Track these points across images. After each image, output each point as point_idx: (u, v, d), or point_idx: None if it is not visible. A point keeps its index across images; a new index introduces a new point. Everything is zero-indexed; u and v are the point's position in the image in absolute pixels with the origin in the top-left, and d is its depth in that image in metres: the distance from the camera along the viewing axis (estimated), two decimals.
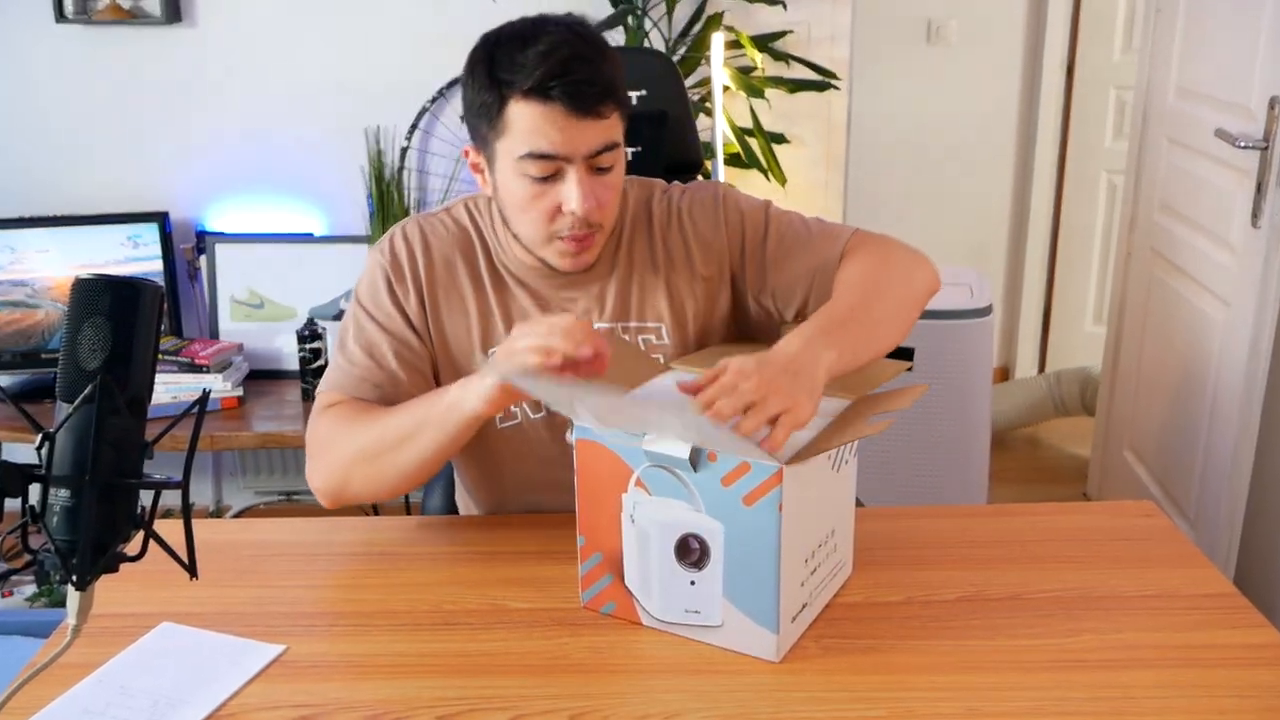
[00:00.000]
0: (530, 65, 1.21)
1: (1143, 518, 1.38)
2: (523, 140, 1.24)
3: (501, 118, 1.25)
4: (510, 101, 1.23)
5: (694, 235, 1.42)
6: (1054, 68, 3.70)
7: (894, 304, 1.32)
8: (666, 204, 1.44)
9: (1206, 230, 2.47)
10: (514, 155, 1.25)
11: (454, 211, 1.43)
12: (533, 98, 1.22)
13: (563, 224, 1.28)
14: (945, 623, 1.15)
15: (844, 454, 1.17)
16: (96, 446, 0.76)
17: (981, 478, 2.72)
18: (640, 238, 1.42)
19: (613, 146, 1.27)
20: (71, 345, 0.77)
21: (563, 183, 1.26)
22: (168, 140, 2.86)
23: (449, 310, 1.39)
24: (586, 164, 1.26)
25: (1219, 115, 2.37)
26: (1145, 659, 1.09)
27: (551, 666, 1.09)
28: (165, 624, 1.15)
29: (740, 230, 1.42)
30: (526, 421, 1.40)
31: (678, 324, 1.41)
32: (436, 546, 1.33)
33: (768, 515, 1.03)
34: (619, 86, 1.26)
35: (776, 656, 1.08)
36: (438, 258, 1.39)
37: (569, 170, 1.25)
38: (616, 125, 1.27)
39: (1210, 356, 2.42)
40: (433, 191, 2.87)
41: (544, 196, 1.27)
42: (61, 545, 0.77)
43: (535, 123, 1.23)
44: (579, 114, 1.22)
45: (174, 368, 2.57)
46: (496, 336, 1.38)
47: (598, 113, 1.23)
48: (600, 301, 1.40)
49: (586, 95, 1.22)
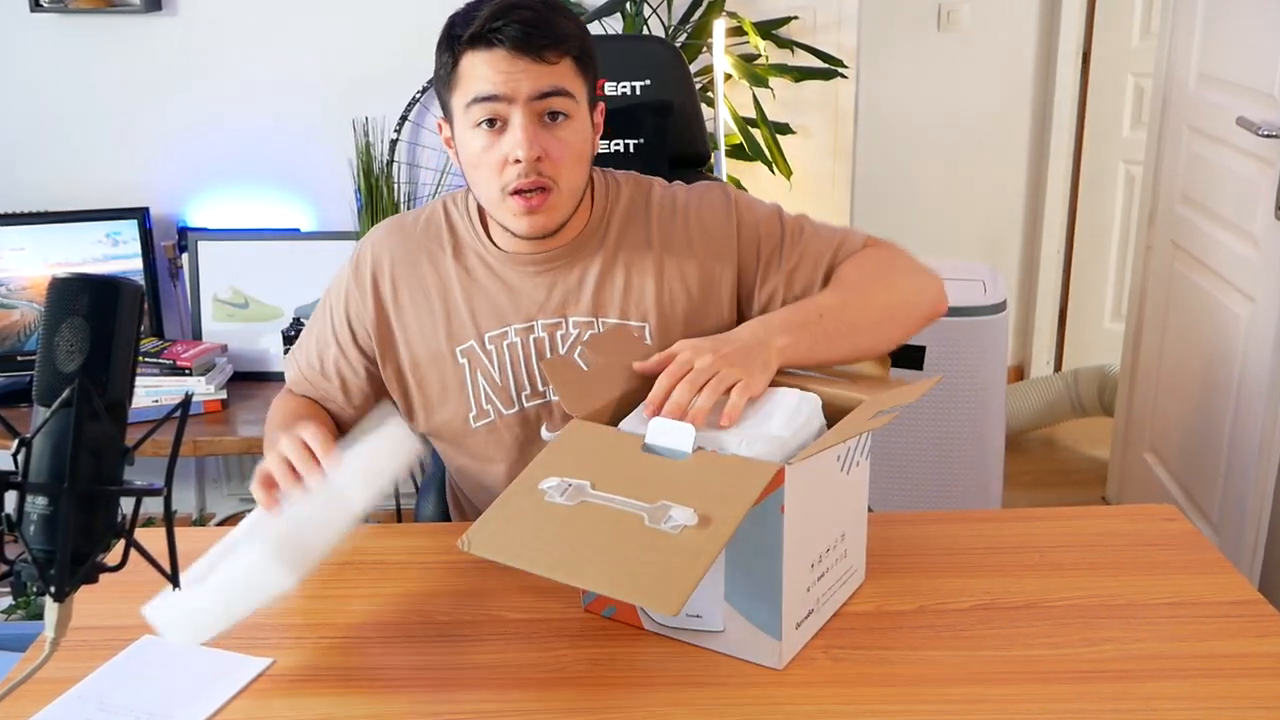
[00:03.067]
0: (477, 17, 1.29)
1: (1164, 522, 1.38)
2: (470, 87, 1.30)
3: (455, 73, 1.32)
4: (461, 56, 1.30)
5: (699, 231, 1.43)
6: (1069, 54, 3.70)
7: (878, 311, 1.36)
8: (670, 198, 1.46)
9: (1229, 222, 2.47)
10: (463, 106, 1.31)
11: (429, 210, 1.48)
12: (478, 45, 1.29)
13: (510, 175, 1.31)
14: (959, 632, 1.16)
15: (854, 455, 1.17)
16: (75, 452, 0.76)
17: (996, 481, 2.72)
18: (635, 227, 1.44)
19: (561, 93, 1.31)
20: (48, 347, 0.77)
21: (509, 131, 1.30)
22: (148, 133, 2.86)
23: (413, 312, 1.44)
24: (532, 109, 1.30)
25: (1241, 102, 2.37)
26: (1168, 669, 1.09)
27: (550, 679, 1.09)
28: (146, 637, 1.15)
29: (755, 233, 1.44)
30: (500, 419, 1.43)
31: (662, 320, 1.41)
32: (429, 555, 1.33)
33: (770, 517, 1.04)
34: (569, 36, 1.32)
35: (780, 664, 1.08)
36: (400, 259, 1.45)
37: (513, 115, 1.29)
38: (568, 74, 1.32)
39: (1234, 353, 2.42)
40: (423, 185, 2.88)
41: (493, 148, 1.31)
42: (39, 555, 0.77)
43: (479, 69, 1.29)
44: (519, 54, 1.28)
45: (155, 370, 2.57)
46: (462, 330, 1.42)
47: (540, 55, 1.28)
48: (578, 291, 1.42)
49: (529, 37, 1.28)
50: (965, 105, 3.78)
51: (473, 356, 1.42)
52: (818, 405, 1.16)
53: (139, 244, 2.77)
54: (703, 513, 1.00)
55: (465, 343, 1.42)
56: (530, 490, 1.08)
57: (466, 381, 1.42)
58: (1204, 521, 2.57)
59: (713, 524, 0.99)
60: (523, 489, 1.08)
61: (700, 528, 0.99)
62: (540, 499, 1.06)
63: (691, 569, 0.96)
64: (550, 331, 1.41)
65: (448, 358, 1.42)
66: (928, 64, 3.75)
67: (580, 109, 1.34)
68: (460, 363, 1.42)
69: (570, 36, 1.31)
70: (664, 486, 1.04)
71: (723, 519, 0.99)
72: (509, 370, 1.42)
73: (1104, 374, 3.49)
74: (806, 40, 2.80)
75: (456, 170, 1.38)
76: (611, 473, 1.07)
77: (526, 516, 1.06)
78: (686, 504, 1.01)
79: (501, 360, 1.41)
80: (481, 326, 1.42)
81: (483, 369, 1.42)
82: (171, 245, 2.85)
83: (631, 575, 0.98)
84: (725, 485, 1.02)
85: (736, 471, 1.04)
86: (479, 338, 1.42)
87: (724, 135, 2.68)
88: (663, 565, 0.97)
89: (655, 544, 0.99)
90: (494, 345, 1.41)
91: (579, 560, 1.01)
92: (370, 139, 2.79)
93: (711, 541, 0.98)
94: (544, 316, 1.41)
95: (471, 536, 1.04)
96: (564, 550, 1.02)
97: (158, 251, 2.83)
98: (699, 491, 1.02)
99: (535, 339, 1.41)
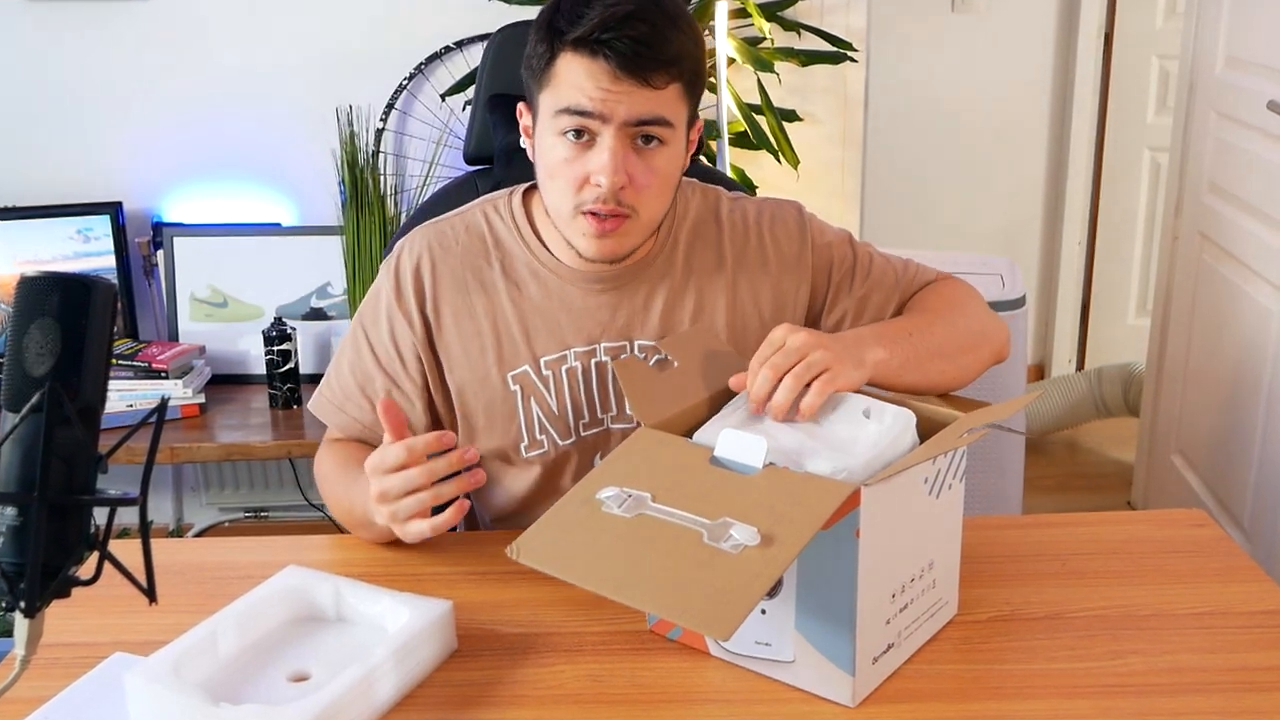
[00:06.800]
0: (589, 17, 1.22)
1: (1193, 528, 1.38)
2: (563, 94, 1.25)
3: (550, 69, 1.26)
4: (560, 53, 1.25)
5: (774, 249, 1.43)
6: (1090, 35, 3.70)
7: (961, 338, 1.36)
8: (741, 213, 1.45)
9: (1259, 212, 2.47)
10: (553, 110, 1.26)
11: (468, 217, 1.43)
12: (581, 49, 1.23)
13: (588, 195, 1.28)
14: (978, 645, 1.15)
15: (945, 477, 1.13)
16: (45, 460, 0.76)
17: (1016, 486, 2.72)
18: (705, 243, 1.42)
19: (660, 122, 1.26)
20: (17, 349, 0.77)
21: (596, 149, 1.26)
22: (121, 124, 2.86)
23: (458, 330, 1.39)
24: (626, 132, 1.25)
25: (1272, 86, 2.37)
26: (1197, 682, 1.09)
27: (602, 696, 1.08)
28: (119, 654, 1.14)
29: (828, 254, 1.44)
30: (555, 450, 1.40)
31: (734, 341, 1.38)
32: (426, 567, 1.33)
33: (844, 541, 1.01)
34: (683, 58, 1.26)
35: (852, 702, 1.05)
36: (444, 273, 1.39)
37: (604, 134, 1.25)
38: (672, 100, 1.27)
39: (1265, 350, 2.42)
40: (411, 177, 2.87)
41: (576, 162, 1.27)
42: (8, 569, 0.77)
43: (578, 76, 1.24)
44: (625, 74, 1.23)
45: (129, 373, 2.57)
46: (514, 354, 1.38)
47: (647, 79, 1.23)
48: (644, 313, 1.39)
49: (638, 57, 1.22)
50: (981, 90, 3.78)
51: (526, 383, 1.38)
52: (911, 422, 1.13)
53: (112, 240, 2.77)
54: (766, 532, 0.97)
55: (518, 368, 1.37)
56: (587, 499, 1.06)
57: (519, 409, 1.38)
58: (1235, 527, 2.57)
59: (775, 545, 0.96)
60: (579, 498, 1.06)
61: (762, 548, 0.96)
62: (596, 509, 1.04)
63: (748, 592, 0.93)
64: (614, 355, 1.37)
65: (497, 384, 1.38)
66: (941, 47, 3.75)
67: (678, 135, 1.30)
68: (512, 390, 1.38)
69: (684, 58, 1.26)
70: (728, 503, 1.02)
71: (787, 541, 0.96)
72: (567, 397, 1.38)
73: (1129, 372, 3.49)
74: (814, 22, 2.80)
75: (445, 161, 1.37)
76: (674, 485, 1.05)
77: (580, 527, 1.04)
78: (750, 522, 0.98)
79: (559, 386, 1.38)
80: (537, 350, 1.37)
81: (537, 396, 1.38)
82: (146, 241, 2.86)
83: (684, 595, 0.96)
84: (794, 504, 1.00)
85: (808, 490, 1.01)
86: (534, 362, 1.37)
87: (727, 123, 2.68)
88: (718, 586, 0.94)
89: (712, 563, 0.96)
90: (550, 370, 1.37)
91: (630, 577, 0.99)
92: (354, 128, 2.79)
93: (771, 565, 0.95)
94: (608, 339, 1.38)
95: (520, 545, 1.03)
96: (616, 565, 1.00)
97: (132, 248, 2.83)
98: (765, 510, 1.00)
99: (598, 363, 1.38)
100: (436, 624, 1.12)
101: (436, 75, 2.82)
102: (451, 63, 2.81)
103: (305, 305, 2.79)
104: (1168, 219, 2.98)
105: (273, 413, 2.64)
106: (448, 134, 2.84)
